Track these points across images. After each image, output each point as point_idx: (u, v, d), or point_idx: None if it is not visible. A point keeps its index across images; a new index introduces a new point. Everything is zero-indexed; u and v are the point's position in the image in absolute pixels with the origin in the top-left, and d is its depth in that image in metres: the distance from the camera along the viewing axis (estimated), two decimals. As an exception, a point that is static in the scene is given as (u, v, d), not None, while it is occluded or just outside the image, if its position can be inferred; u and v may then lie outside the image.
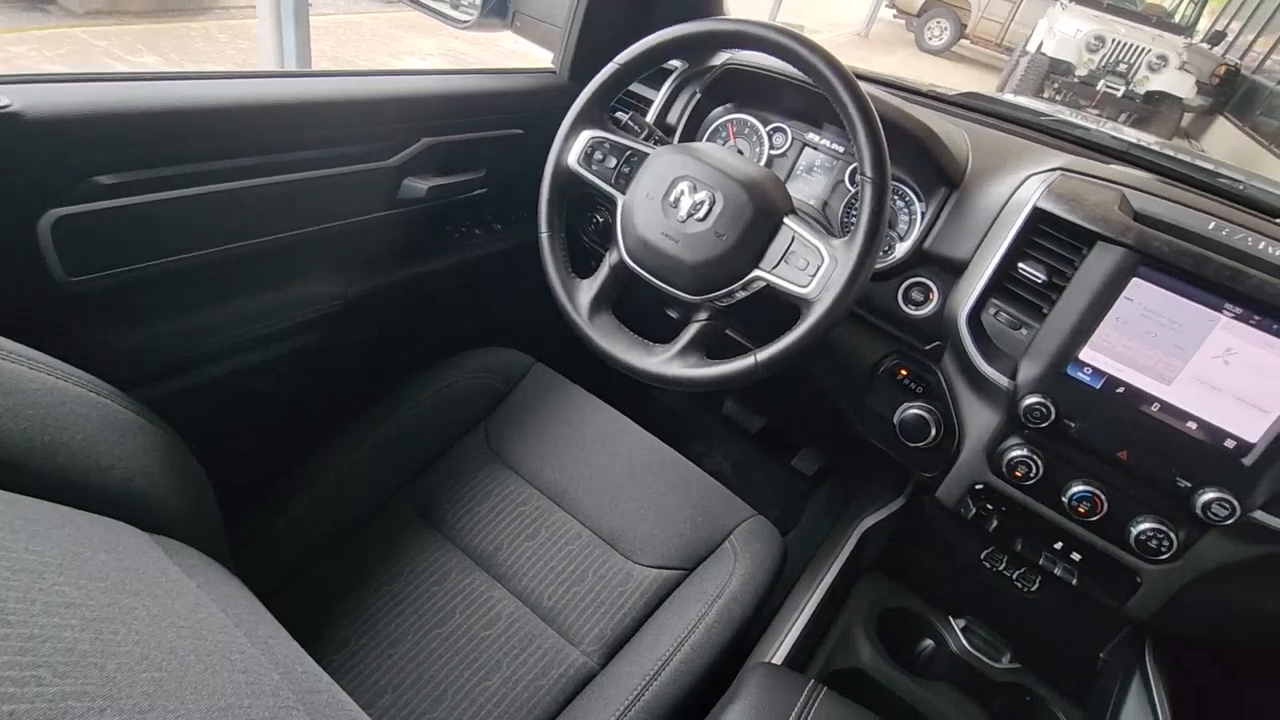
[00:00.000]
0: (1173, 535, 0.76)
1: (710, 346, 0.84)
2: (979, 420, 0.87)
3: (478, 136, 1.03)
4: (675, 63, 1.10)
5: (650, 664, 0.76)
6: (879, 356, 0.96)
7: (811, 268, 0.75)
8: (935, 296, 0.92)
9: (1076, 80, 7.36)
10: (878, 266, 0.94)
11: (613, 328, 0.86)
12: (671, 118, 1.09)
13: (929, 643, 0.84)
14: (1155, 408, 0.76)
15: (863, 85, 0.74)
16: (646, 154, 0.85)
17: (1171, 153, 1.18)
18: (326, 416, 0.95)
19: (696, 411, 1.61)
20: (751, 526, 0.93)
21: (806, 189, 1.04)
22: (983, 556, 0.95)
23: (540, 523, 0.91)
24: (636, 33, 0.88)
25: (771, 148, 1.07)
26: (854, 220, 0.74)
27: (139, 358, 0.80)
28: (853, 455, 1.12)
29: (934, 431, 0.89)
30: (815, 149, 1.04)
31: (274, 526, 0.83)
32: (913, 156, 0.92)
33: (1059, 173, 0.86)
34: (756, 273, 0.78)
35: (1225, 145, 8.66)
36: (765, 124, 1.08)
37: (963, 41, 10.41)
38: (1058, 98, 7.23)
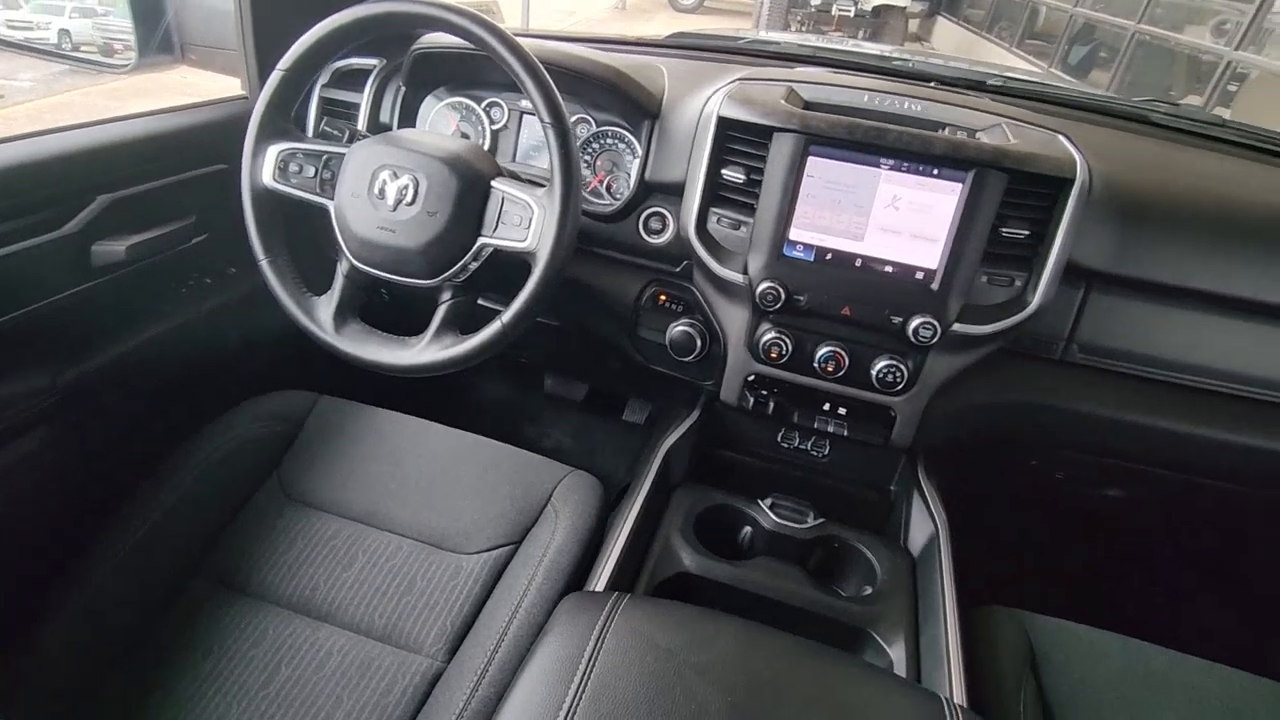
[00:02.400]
0: (903, 366, 0.87)
1: (464, 323, 0.84)
2: (734, 319, 0.95)
3: (172, 181, 0.96)
4: (373, 61, 1.08)
5: (491, 641, 0.77)
6: (639, 289, 1.01)
7: (525, 222, 0.78)
8: (670, 221, 0.98)
9: (814, 9, 8.07)
10: (613, 207, 0.98)
11: (363, 334, 0.85)
12: (384, 117, 1.07)
13: (747, 529, 0.91)
14: (858, 263, 0.86)
15: (555, 43, 0.78)
16: (344, 154, 0.83)
17: (879, 51, 1.33)
18: (75, 520, 0.86)
19: (521, 398, 1.62)
20: (570, 482, 0.96)
21: (535, 154, 1.07)
22: (779, 438, 1.04)
23: (356, 549, 0.88)
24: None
25: (492, 123, 1.09)
26: None
27: None
28: (654, 388, 1.17)
29: (700, 342, 0.96)
30: (532, 114, 1.06)
31: (48, 651, 0.74)
32: (608, 97, 0.97)
33: (736, 82, 0.94)
34: (481, 240, 0.80)
35: (950, 40, 9.84)
36: (480, 102, 1.09)
37: (712, -5, 11.00)
38: (803, 27, 7.88)
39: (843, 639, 0.80)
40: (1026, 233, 0.83)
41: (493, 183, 0.80)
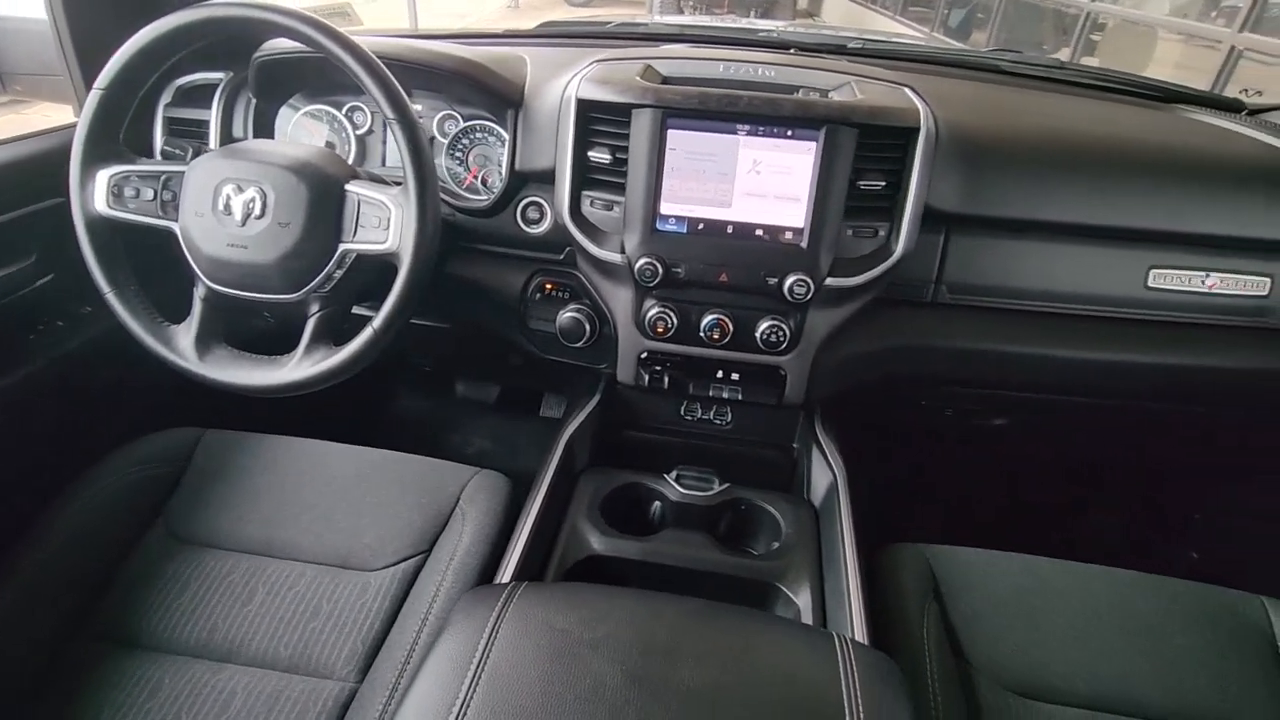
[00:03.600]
0: (785, 326, 0.90)
1: (339, 335, 0.82)
2: (620, 299, 0.95)
3: (4, 221, 0.89)
4: (218, 75, 1.03)
5: (402, 654, 0.75)
6: (524, 280, 1.01)
7: (384, 222, 0.76)
8: (547, 209, 0.98)
9: (705, -8, 8.17)
10: (489, 200, 0.97)
11: (230, 358, 0.81)
12: (238, 131, 1.02)
13: (656, 504, 0.92)
14: (729, 230, 0.88)
15: (408, 40, 0.75)
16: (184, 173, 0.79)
17: (748, 26, 1.35)
18: None
19: (438, 409, 1.59)
20: (477, 483, 0.95)
21: None
22: (682, 412, 1.05)
23: (255, 583, 0.84)
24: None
25: (356, 128, 1.06)
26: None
27: None
28: (561, 379, 1.17)
29: (589, 326, 0.96)
30: None
31: None
32: (470, 91, 0.96)
33: (594, 64, 0.94)
34: (342, 247, 0.77)
35: (838, 12, 10.14)
36: (341, 108, 1.05)
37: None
38: (696, 10, 7.96)
39: (753, 596, 0.82)
40: (883, 184, 0.86)
41: (346, 186, 0.78)
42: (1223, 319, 0.94)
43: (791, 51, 1.17)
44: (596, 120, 0.89)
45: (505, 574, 0.76)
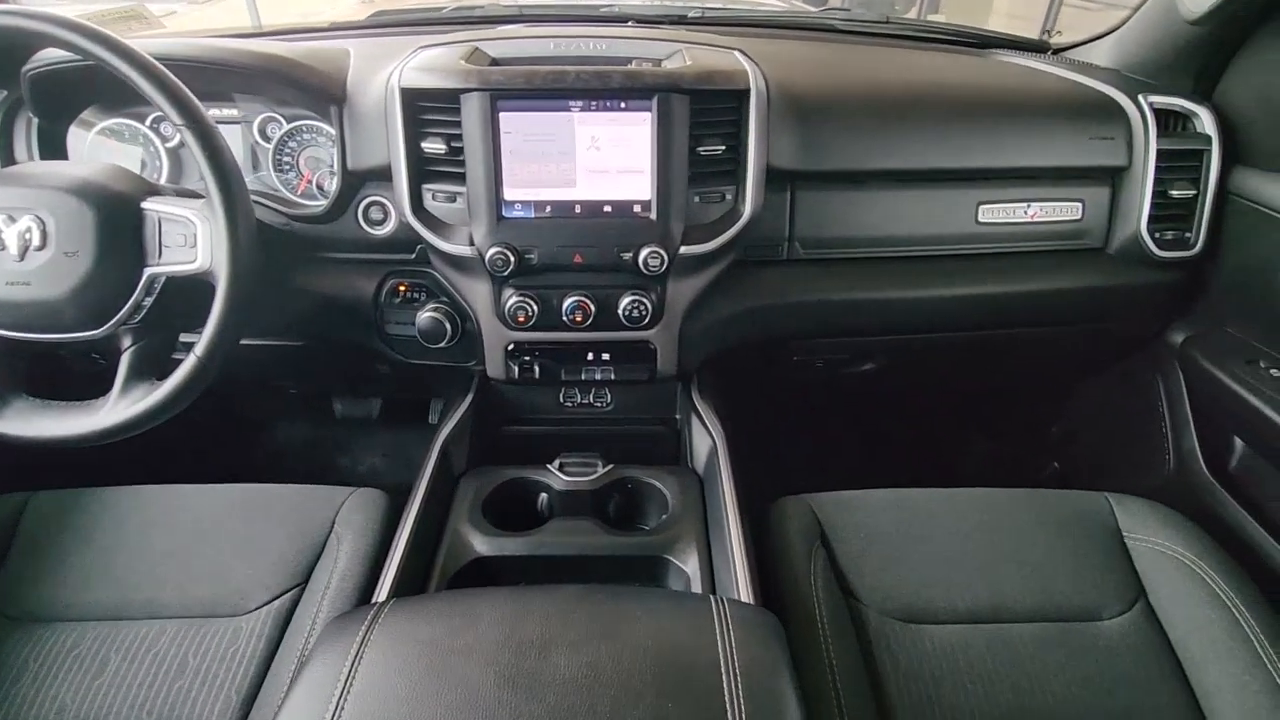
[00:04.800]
0: (646, 300, 0.89)
1: (163, 368, 0.74)
2: (478, 293, 0.92)
3: None
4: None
5: (279, 696, 0.70)
6: (376, 285, 0.95)
7: (191, 240, 0.69)
8: (391, 208, 0.93)
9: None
10: (325, 205, 0.91)
11: (32, 409, 0.72)
12: (20, 155, 0.91)
13: (542, 496, 0.90)
14: (578, 209, 0.86)
15: (209, 40, 0.67)
16: None
17: (589, 2, 1.32)
18: None
19: (316, 434, 1.51)
20: (353, 502, 0.90)
21: None
22: (561, 399, 1.03)
23: (107, 651, 0.76)
24: None
25: (165, 141, 0.96)
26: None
27: None
28: (437, 383, 1.13)
29: (450, 325, 0.92)
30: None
31: None
32: (280, 88, 0.89)
33: (417, 51, 0.90)
34: (148, 271, 0.70)
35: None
36: (144, 120, 0.96)
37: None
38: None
39: (644, 572, 0.82)
40: (723, 148, 0.87)
41: (143, 204, 0.70)
42: (1046, 245, 1.01)
43: (630, 24, 1.16)
44: (425, 110, 0.84)
45: (382, 593, 0.72)
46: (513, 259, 0.85)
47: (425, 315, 0.92)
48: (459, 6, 1.34)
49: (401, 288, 0.95)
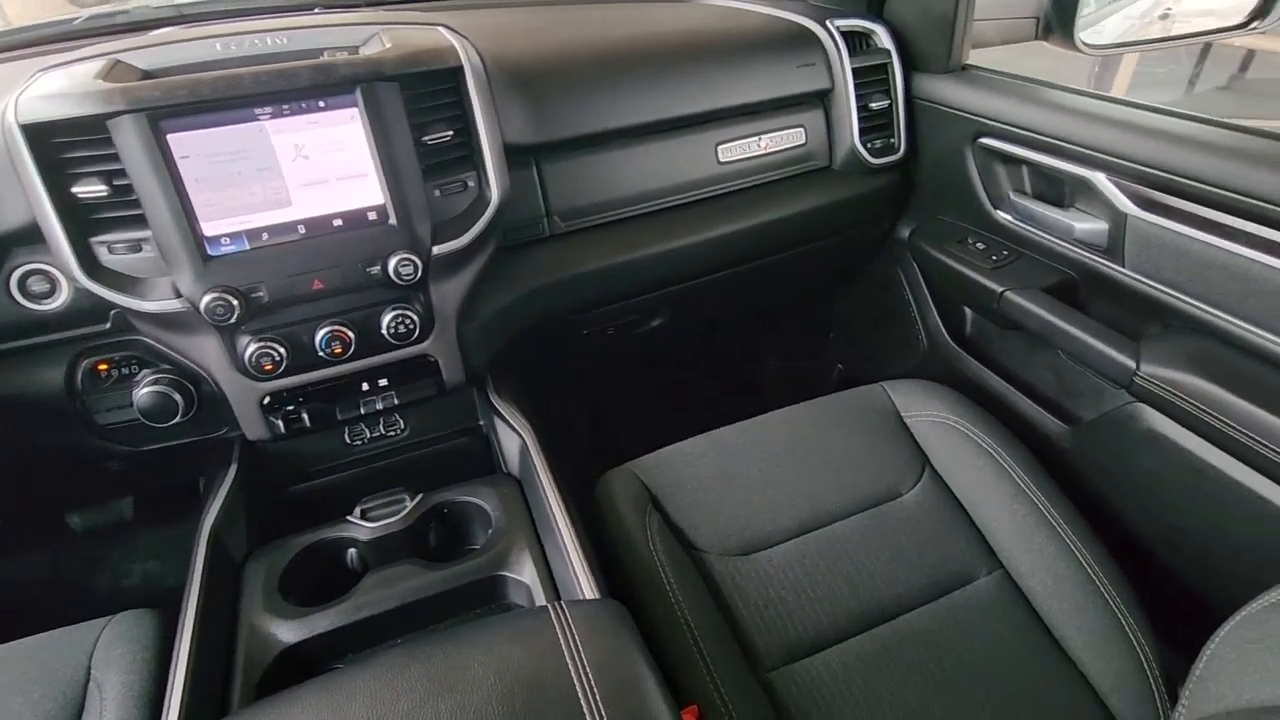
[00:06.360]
0: (411, 312, 0.81)
1: None
2: (206, 350, 0.78)
3: None
4: None
5: None
6: (64, 371, 0.77)
7: None
8: (60, 275, 0.75)
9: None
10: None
11: None
12: None
13: (351, 552, 0.80)
14: (301, 230, 0.75)
15: None
16: None
17: None
18: None
19: (53, 561, 1.23)
20: (110, 636, 0.73)
21: None
22: (348, 440, 0.93)
23: None
24: None
25: None
26: None
27: None
28: (183, 463, 0.95)
29: (181, 395, 0.78)
30: None
31: None
32: None
33: (38, 75, 0.72)
34: None
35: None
36: None
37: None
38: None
39: (482, 596, 0.77)
40: (451, 133, 0.80)
41: None
42: (781, 173, 1.08)
43: (316, 11, 1.03)
44: (65, 147, 0.68)
45: None
46: (236, 302, 0.72)
47: (143, 392, 0.77)
48: (94, 15, 1.11)
49: (101, 367, 0.78)
